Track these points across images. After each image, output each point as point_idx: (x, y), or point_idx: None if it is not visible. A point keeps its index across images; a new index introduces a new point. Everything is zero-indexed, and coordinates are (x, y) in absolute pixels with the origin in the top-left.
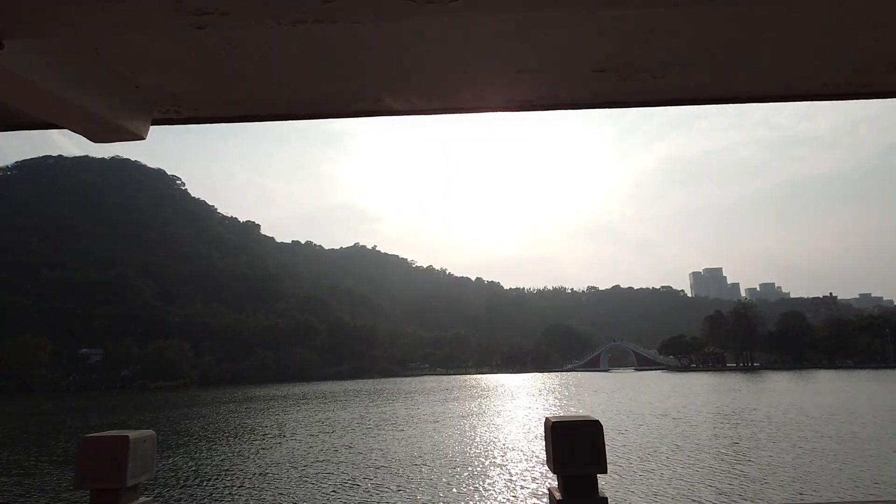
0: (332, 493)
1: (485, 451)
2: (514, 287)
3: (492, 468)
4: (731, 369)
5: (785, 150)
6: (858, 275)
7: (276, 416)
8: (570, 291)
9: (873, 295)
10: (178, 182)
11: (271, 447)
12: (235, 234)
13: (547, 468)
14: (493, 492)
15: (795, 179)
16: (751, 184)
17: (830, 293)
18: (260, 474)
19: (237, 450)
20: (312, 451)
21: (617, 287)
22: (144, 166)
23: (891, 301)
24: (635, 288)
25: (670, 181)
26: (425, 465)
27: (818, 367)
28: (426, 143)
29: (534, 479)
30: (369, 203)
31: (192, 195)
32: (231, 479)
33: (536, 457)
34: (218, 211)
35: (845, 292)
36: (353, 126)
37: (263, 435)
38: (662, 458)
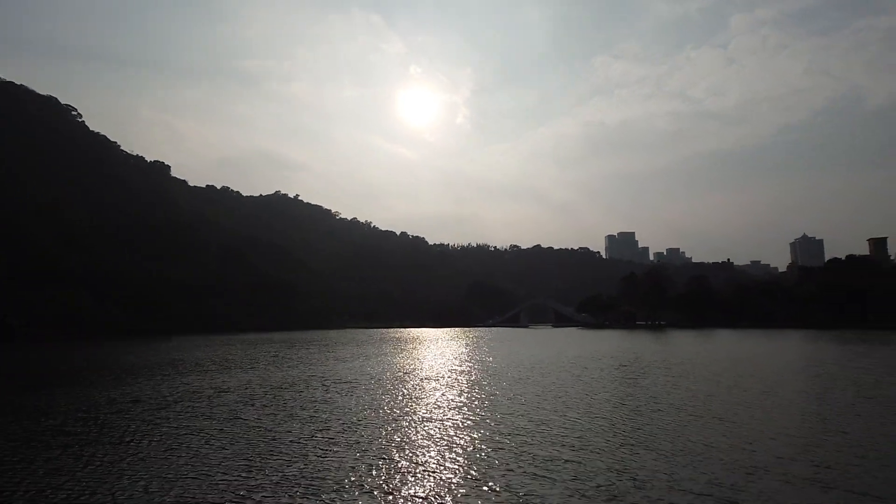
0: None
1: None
2: (438, 243)
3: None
4: (640, 327)
5: (697, 124)
6: (751, 243)
7: (195, 354)
8: (492, 249)
9: (762, 262)
10: (73, 112)
11: (202, 410)
12: (142, 175)
13: None
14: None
15: (704, 152)
16: (664, 154)
17: (728, 259)
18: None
19: (155, 415)
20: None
21: (538, 246)
22: (32, 91)
23: (776, 268)
24: (555, 248)
25: (591, 147)
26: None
27: (719, 326)
28: (350, 94)
29: None
30: (291, 150)
31: (91, 129)
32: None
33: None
34: (121, 148)
35: (739, 259)
36: (272, 66)
37: (190, 393)
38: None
